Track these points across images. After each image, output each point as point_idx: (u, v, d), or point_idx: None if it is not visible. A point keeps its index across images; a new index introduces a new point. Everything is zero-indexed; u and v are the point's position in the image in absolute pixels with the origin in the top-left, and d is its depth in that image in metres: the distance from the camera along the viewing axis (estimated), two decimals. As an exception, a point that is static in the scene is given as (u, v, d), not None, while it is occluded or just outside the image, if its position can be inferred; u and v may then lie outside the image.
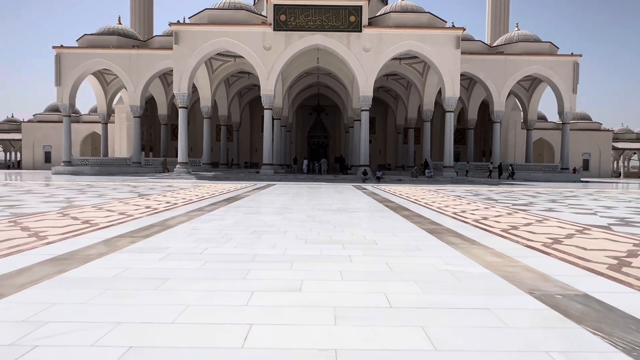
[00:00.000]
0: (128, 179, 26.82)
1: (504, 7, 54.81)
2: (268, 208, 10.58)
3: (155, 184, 21.40)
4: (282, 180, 28.34)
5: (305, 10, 30.18)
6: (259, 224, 7.54)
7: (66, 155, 37.49)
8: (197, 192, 15.42)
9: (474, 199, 14.16)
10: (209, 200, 12.19)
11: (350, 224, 7.76)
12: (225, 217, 8.43)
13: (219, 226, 7.23)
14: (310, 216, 8.88)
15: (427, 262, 4.71)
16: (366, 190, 19.04)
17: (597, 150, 57.30)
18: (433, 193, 17.26)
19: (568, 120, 37.53)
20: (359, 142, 36.19)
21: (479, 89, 42.14)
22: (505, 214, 9.80)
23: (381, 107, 50.90)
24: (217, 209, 10.09)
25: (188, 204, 10.96)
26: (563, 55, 36.80)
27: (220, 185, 20.66)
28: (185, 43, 30.25)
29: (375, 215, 9.26)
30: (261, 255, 4.95)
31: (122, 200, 11.80)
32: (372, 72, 30.51)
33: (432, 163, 36.94)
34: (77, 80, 36.53)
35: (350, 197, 14.85)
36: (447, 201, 13.22)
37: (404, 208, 10.90)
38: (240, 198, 13.34)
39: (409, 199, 13.86)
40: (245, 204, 11.54)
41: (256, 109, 48.81)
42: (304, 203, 12.07)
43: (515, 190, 20.17)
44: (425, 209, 10.85)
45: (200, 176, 29.83)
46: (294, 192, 17.10)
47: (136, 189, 17.04)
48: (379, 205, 11.60)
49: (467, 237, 6.47)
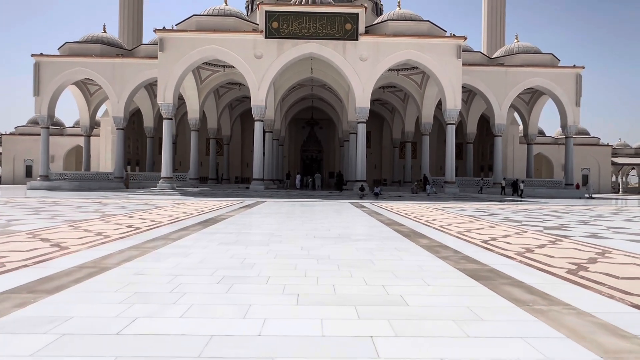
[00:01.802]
0: (105, 195, 24.60)
1: (499, 18, 54.14)
2: (251, 235, 8.53)
3: (132, 201, 19.23)
4: (273, 196, 26.27)
5: (299, 17, 28.60)
6: (233, 264, 5.50)
7: (43, 169, 35.15)
8: (172, 212, 13.32)
9: (493, 221, 12.22)
10: (183, 223, 10.12)
11: (360, 263, 5.74)
12: (191, 251, 6.37)
13: (175, 267, 5.17)
14: (304, 248, 6.85)
15: (510, 357, 2.70)
16: (366, 208, 17.05)
17: (597, 165, 56.12)
18: (442, 212, 15.31)
19: (572, 134, 36.12)
20: (354, 157, 34.34)
21: (478, 101, 40.78)
22: (547, 242, 7.85)
23: (377, 121, 49.33)
24: (187, 236, 8.02)
25: (154, 229, 8.88)
26: (565, 67, 35.59)
27: (203, 203, 18.56)
28: (171, 51, 28.42)
29: (388, 247, 7.25)
30: (219, 341, 2.91)
31: (74, 223, 9.68)
32: (369, 83, 28.84)
33: (432, 178, 35.12)
34: (57, 90, 34.45)
35: (350, 217, 12.85)
36: (464, 223, 11.27)
37: (420, 234, 8.90)
38: (221, 220, 11.27)
39: (419, 221, 11.88)
40: (224, 228, 9.48)
41: (247, 122, 46.91)
42: (297, 227, 10.05)
43: (529, 209, 18.30)
44: (445, 234, 8.87)
45: (185, 192, 27.66)
46: (286, 210, 15.07)
47: (104, 207, 14.89)
48: (388, 230, 9.60)
49: (530, 286, 4.49)
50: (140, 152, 49.65)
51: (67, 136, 55.09)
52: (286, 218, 12.32)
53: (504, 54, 38.45)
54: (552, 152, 55.49)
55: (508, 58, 37.29)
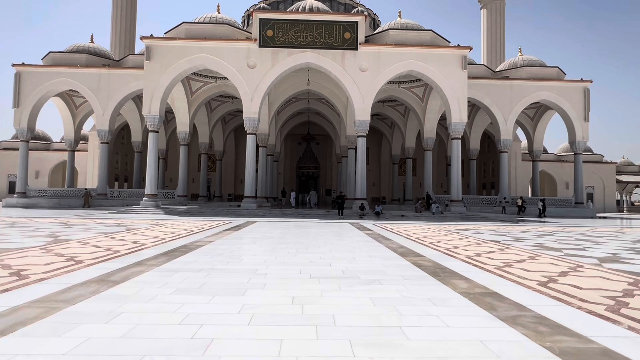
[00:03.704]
0: (80, 214, 22.33)
1: (499, 32, 53.18)
2: (226, 273, 6.39)
3: (104, 221, 17.01)
4: (265, 215, 24.10)
5: (295, 25, 26.98)
6: (176, 342, 3.36)
7: (21, 185, 32.87)
8: (140, 237, 11.15)
9: (526, 249, 10.13)
10: (143, 254, 7.96)
11: (383, 334, 3.62)
12: (124, 309, 4.22)
13: (77, 354, 3.04)
14: (296, 300, 4.73)
15: None
16: (370, 230, 14.92)
17: (601, 183, 54.43)
18: (459, 236, 13.22)
19: (580, 151, 34.34)
20: (353, 173, 32.36)
21: (480, 116, 39.17)
22: (628, 285, 5.77)
23: (375, 136, 47.60)
24: (136, 276, 5.87)
25: (100, 262, 6.73)
26: (572, 80, 34.10)
27: (184, 224, 16.36)
28: (159, 59, 26.60)
29: (417, 295, 5.13)
30: None
31: (4, 252, 7.50)
32: (369, 94, 27.07)
33: (435, 196, 33.10)
34: (39, 101, 32.46)
35: (354, 243, 10.72)
36: (495, 252, 9.18)
37: (449, 271, 6.79)
38: (195, 248, 9.11)
39: (438, 248, 9.78)
40: (194, 262, 7.33)
41: (241, 137, 44.98)
42: (288, 258, 7.91)
43: (552, 231, 16.24)
44: (483, 271, 6.76)
45: (170, 211, 25.42)
46: (278, 234, 12.92)
47: (64, 230, 12.68)
48: (406, 264, 7.48)
49: None
50: (130, 168, 47.44)
51: (53, 151, 52.84)
52: (277, 244, 10.18)
53: (508, 67, 37.03)
54: (555, 170, 53.73)
55: (513, 71, 35.83)
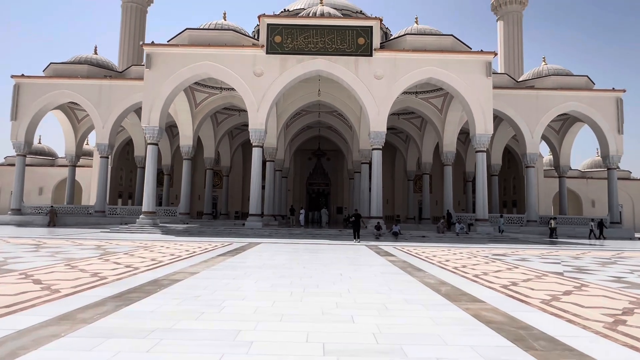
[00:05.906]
0: (68, 234, 20.30)
1: (517, 43, 50.93)
2: (185, 343, 4.09)
3: (90, 241, 14.88)
4: (272, 235, 21.79)
5: (305, 30, 25.18)
6: None
7: (16, 202, 31.17)
8: (107, 267, 8.92)
9: (611, 287, 7.66)
10: (86, 296, 5.72)
11: None
12: None
13: None
14: None
15: None
16: (393, 257, 12.50)
17: (630, 201, 51.07)
18: (502, 264, 10.74)
19: (614, 165, 31.59)
20: (367, 190, 30.03)
21: (502, 130, 36.69)
22: None
23: (389, 151, 45.20)
24: (54, 341, 3.62)
25: (17, 313, 4.51)
26: (604, 90, 31.59)
27: (175, 247, 14.14)
28: (160, 67, 24.92)
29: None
30: None
31: None
32: (385, 104, 24.94)
33: (456, 215, 30.49)
34: (37, 114, 31.00)
35: (377, 276, 8.35)
36: (575, 292, 6.74)
37: (535, 332, 4.39)
38: (167, 285, 6.84)
39: (491, 285, 7.35)
40: (150, 312, 5.04)
41: (250, 153, 42.54)
42: (290, 307, 5.59)
43: (610, 257, 13.63)
44: (596, 336, 4.37)
45: (168, 230, 23.26)
46: (281, 262, 10.61)
47: (28, 254, 10.54)
48: (465, 318, 5.10)
49: None
50: (134, 184, 45.74)
51: (58, 167, 51.54)
52: (278, 279, 7.87)
53: (532, 76, 34.70)
54: (580, 187, 50.51)
55: (538, 81, 33.49)
